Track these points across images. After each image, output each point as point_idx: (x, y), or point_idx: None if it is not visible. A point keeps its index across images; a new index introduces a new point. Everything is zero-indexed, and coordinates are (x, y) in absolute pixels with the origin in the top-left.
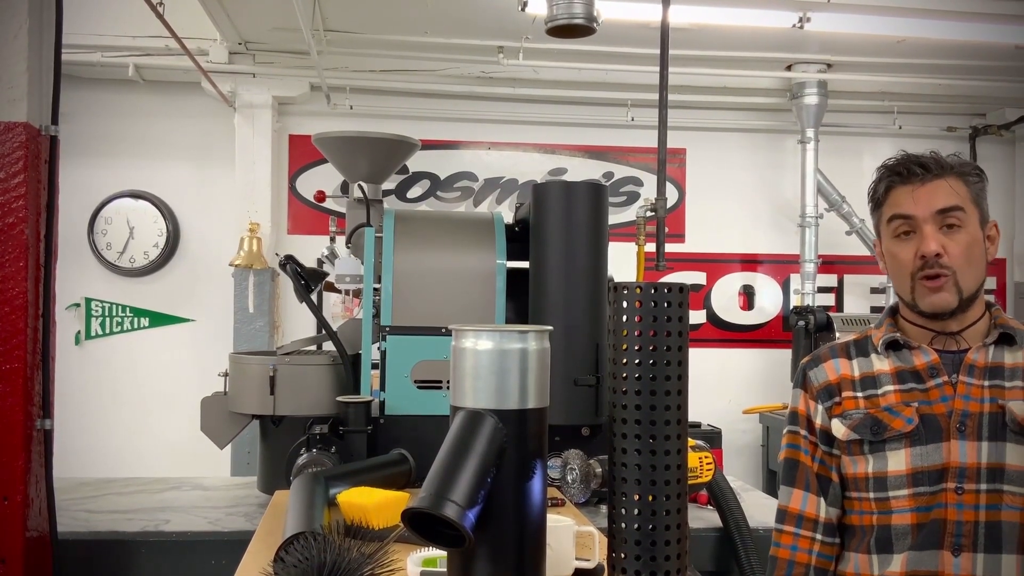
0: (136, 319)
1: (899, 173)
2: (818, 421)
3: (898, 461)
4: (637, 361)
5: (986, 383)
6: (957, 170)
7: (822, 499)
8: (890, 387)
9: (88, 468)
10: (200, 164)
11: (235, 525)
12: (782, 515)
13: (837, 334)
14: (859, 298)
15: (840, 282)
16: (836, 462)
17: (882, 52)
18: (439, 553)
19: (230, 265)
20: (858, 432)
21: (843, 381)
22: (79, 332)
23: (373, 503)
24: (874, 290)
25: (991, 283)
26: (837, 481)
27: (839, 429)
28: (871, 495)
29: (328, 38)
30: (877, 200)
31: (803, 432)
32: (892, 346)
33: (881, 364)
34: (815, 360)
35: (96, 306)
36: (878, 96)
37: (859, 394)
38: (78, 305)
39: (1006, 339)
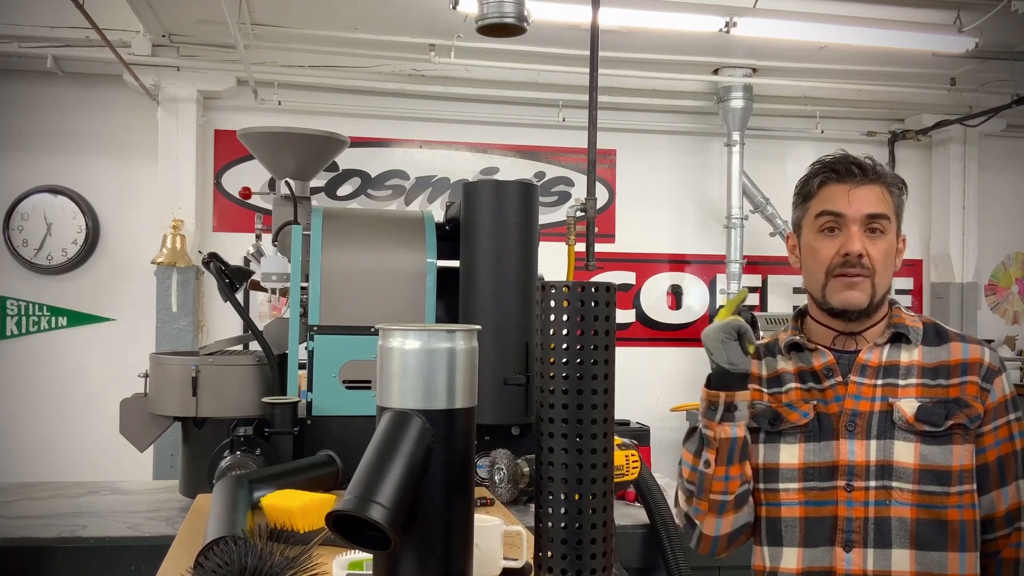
0: (54, 318)
1: (836, 171)
2: None
3: (791, 454)
4: (564, 360)
5: (879, 382)
6: (888, 180)
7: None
8: (793, 385)
9: (1, 473)
10: (121, 159)
11: (155, 530)
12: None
13: (762, 333)
14: (782, 298)
15: (764, 282)
16: None
17: (805, 58)
18: (365, 556)
19: (152, 263)
20: (756, 421)
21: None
22: None
23: (298, 506)
24: (796, 290)
25: (908, 283)
26: None
27: None
28: (760, 485)
29: (255, 32)
30: (807, 193)
31: None
32: (794, 348)
33: (785, 364)
34: None
35: (12, 305)
36: (801, 101)
37: (765, 389)
38: None
39: (902, 338)
